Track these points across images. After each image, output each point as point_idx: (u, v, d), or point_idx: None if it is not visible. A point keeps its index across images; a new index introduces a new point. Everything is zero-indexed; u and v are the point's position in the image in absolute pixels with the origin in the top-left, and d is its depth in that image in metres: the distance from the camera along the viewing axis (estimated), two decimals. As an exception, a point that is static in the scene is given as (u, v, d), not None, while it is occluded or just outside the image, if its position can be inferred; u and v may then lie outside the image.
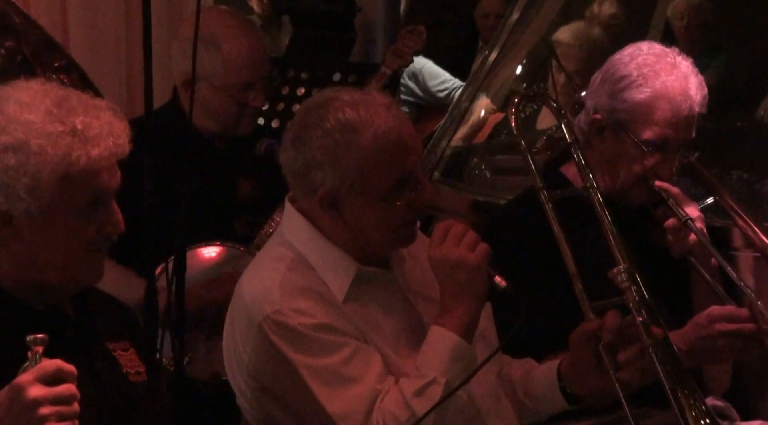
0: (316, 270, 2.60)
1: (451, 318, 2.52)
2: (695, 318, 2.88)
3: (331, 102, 2.58)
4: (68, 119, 2.24)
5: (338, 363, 2.49)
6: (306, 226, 2.63)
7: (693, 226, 2.96)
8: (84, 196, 2.26)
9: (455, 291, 2.52)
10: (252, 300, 2.57)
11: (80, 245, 2.29)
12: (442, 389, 2.46)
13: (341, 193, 2.55)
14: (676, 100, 2.98)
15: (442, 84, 7.18)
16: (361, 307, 2.59)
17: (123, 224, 2.33)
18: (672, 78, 2.99)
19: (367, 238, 2.60)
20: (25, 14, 2.99)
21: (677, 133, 3.00)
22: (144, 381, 2.43)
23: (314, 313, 2.52)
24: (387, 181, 2.55)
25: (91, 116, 2.26)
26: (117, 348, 2.43)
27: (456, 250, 2.51)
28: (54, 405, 1.96)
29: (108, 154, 2.26)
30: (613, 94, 3.03)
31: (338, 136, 2.54)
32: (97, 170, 2.26)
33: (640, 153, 3.01)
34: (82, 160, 2.23)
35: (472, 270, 2.50)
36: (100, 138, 2.25)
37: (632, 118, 3.00)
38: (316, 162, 2.55)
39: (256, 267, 2.68)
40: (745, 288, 2.91)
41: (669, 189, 3.01)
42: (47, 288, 2.32)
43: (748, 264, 3.50)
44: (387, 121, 2.55)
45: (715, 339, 2.84)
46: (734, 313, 2.84)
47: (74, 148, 2.22)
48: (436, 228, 2.54)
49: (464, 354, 2.50)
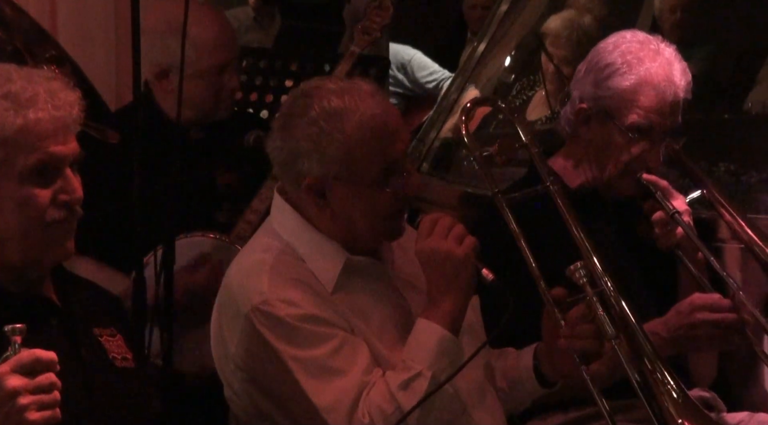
0: (304, 260, 2.60)
1: (438, 311, 2.52)
2: (677, 305, 2.89)
3: (316, 91, 2.59)
4: (4, 86, 2.25)
5: (325, 355, 2.50)
6: (294, 216, 2.63)
7: (680, 220, 2.96)
8: (27, 161, 2.25)
9: (442, 284, 2.53)
10: (239, 291, 2.57)
11: (34, 214, 2.27)
12: (428, 382, 2.46)
13: (328, 182, 2.56)
14: (660, 86, 2.99)
15: (430, 75, 7.18)
16: (350, 297, 2.59)
17: (80, 191, 2.31)
18: (656, 64, 3.00)
19: (354, 228, 2.59)
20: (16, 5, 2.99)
21: (662, 119, 3.01)
22: (131, 367, 2.44)
23: (302, 304, 2.52)
24: (373, 168, 2.54)
25: (28, 82, 2.27)
26: (104, 334, 2.43)
27: (443, 243, 2.51)
28: (34, 395, 1.96)
29: (49, 117, 2.26)
30: (598, 82, 3.04)
31: (323, 124, 2.54)
32: (39, 134, 2.25)
33: (626, 141, 3.02)
34: (18, 121, 2.23)
35: (459, 263, 2.51)
36: (37, 102, 2.25)
37: (617, 105, 3.01)
38: (302, 151, 2.56)
39: (244, 257, 2.67)
40: (728, 277, 2.91)
41: (657, 182, 3.02)
42: (18, 268, 2.31)
43: (735, 255, 3.51)
44: (372, 108, 2.55)
45: (697, 328, 2.85)
46: (716, 303, 2.86)
47: (7, 110, 2.23)
48: (423, 221, 2.55)
49: (450, 347, 2.50)
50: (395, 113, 2.61)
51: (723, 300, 2.86)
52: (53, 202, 2.28)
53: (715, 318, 2.84)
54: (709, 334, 2.85)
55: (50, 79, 2.31)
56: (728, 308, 2.83)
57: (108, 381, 2.37)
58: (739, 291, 2.85)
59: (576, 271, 2.54)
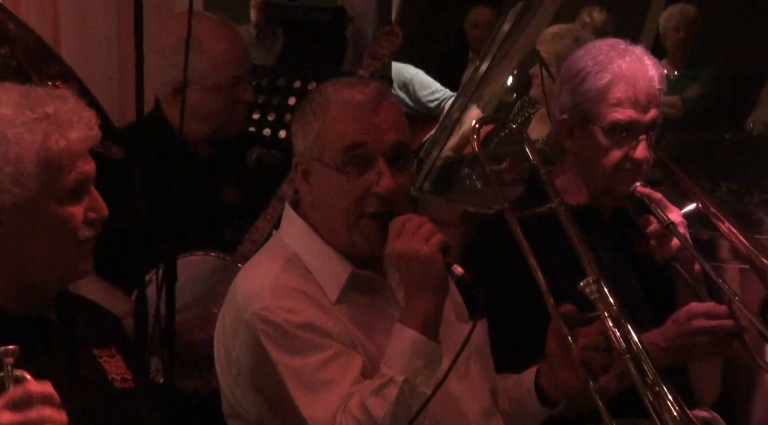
0: (310, 271, 2.61)
1: (410, 315, 2.50)
2: (675, 315, 2.89)
3: (325, 85, 2.66)
4: (38, 107, 2.26)
5: (316, 365, 2.50)
6: (303, 227, 2.65)
7: (675, 230, 2.96)
8: (66, 182, 2.27)
9: (413, 286, 2.51)
10: (243, 297, 2.59)
11: (68, 235, 2.29)
12: (398, 388, 2.43)
13: (307, 160, 2.61)
14: (632, 79, 2.99)
15: (432, 94, 7.20)
16: (352, 309, 2.60)
17: (106, 209, 2.33)
18: (627, 60, 3.01)
19: (330, 219, 2.60)
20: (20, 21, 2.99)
21: (640, 112, 2.99)
22: (131, 388, 2.43)
23: (301, 312, 2.53)
24: (338, 146, 2.56)
25: (59, 102, 2.29)
26: (103, 355, 2.43)
27: (410, 243, 2.49)
28: None
29: (84, 136, 2.28)
30: (574, 89, 3.05)
31: (309, 107, 2.62)
32: (76, 154, 2.27)
33: (610, 141, 3.01)
34: (61, 142, 2.25)
35: (425, 261, 2.47)
36: (73, 121, 2.28)
37: (594, 106, 3.01)
38: (295, 131, 2.64)
39: (252, 265, 2.70)
40: (723, 284, 2.91)
41: (651, 194, 3.02)
42: (32, 289, 2.31)
43: (734, 275, 3.51)
44: (354, 94, 2.59)
45: (694, 336, 2.84)
46: (713, 310, 2.85)
47: (51, 132, 2.25)
48: (393, 223, 2.53)
49: (424, 349, 2.47)
50: (386, 111, 2.60)
51: (719, 307, 2.85)
52: (84, 221, 2.31)
53: (713, 324, 2.83)
54: (707, 342, 2.85)
55: (74, 98, 2.33)
56: (725, 315, 2.83)
57: (107, 403, 2.36)
58: (735, 298, 2.85)
59: (587, 286, 2.55)
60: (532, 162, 2.88)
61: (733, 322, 2.83)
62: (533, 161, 2.87)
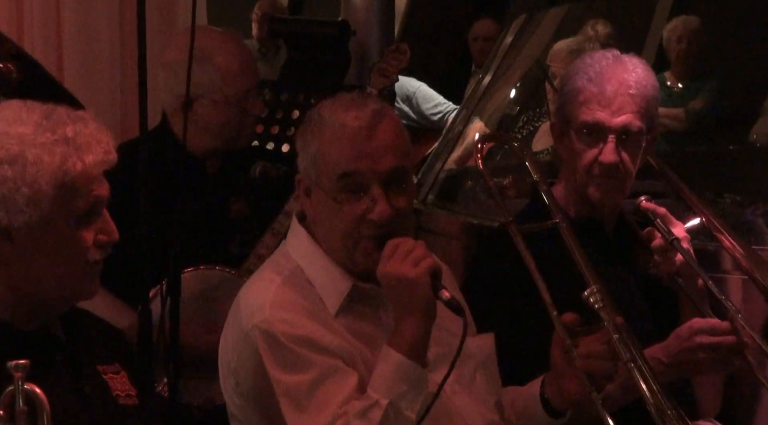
0: (313, 284, 2.62)
1: (398, 337, 2.50)
2: (677, 330, 2.88)
3: (323, 104, 2.66)
4: (59, 129, 2.26)
5: (308, 384, 2.49)
6: (307, 240, 2.66)
7: (679, 246, 2.96)
8: (81, 204, 2.27)
9: (400, 309, 2.51)
10: (245, 309, 2.60)
11: (78, 256, 2.29)
12: (383, 411, 2.44)
13: (308, 179, 2.62)
14: (602, 80, 2.96)
15: (435, 107, 7.21)
16: (355, 321, 2.60)
17: (117, 233, 2.34)
18: (605, 63, 2.99)
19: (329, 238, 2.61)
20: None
21: (608, 114, 2.96)
22: (135, 405, 2.43)
23: (300, 325, 2.53)
24: (332, 174, 2.56)
25: (79, 125, 2.29)
26: (108, 371, 2.43)
27: (399, 267, 2.48)
28: None
29: (100, 160, 2.29)
30: (560, 95, 3.06)
31: (308, 126, 2.63)
32: (92, 177, 2.28)
33: (582, 144, 2.98)
34: (78, 166, 2.25)
35: (413, 285, 2.47)
36: (91, 145, 2.28)
37: (570, 106, 3.00)
38: (297, 149, 2.65)
39: (256, 277, 2.71)
40: (727, 301, 2.90)
41: (656, 209, 3.01)
42: (40, 306, 2.32)
43: (737, 286, 3.51)
44: (350, 118, 2.58)
45: (696, 352, 2.84)
46: (715, 326, 2.85)
47: (69, 155, 2.25)
48: (387, 245, 2.52)
49: (409, 373, 2.47)
50: (382, 136, 2.58)
51: (722, 324, 2.85)
52: (94, 243, 2.31)
53: (715, 341, 2.83)
54: (709, 358, 2.84)
55: (90, 119, 2.33)
56: (727, 331, 2.83)
57: (110, 419, 2.36)
58: (738, 315, 2.84)
59: (591, 296, 2.55)
60: (535, 179, 2.86)
61: (735, 339, 2.83)
62: (535, 178, 2.86)
